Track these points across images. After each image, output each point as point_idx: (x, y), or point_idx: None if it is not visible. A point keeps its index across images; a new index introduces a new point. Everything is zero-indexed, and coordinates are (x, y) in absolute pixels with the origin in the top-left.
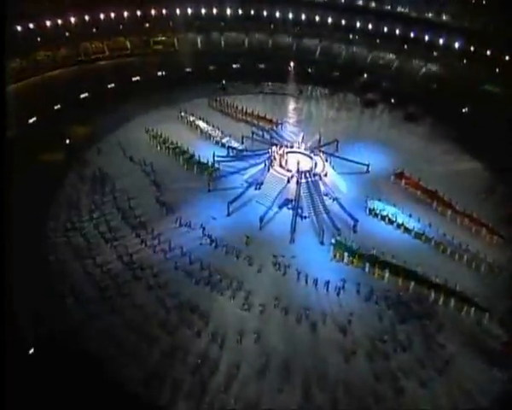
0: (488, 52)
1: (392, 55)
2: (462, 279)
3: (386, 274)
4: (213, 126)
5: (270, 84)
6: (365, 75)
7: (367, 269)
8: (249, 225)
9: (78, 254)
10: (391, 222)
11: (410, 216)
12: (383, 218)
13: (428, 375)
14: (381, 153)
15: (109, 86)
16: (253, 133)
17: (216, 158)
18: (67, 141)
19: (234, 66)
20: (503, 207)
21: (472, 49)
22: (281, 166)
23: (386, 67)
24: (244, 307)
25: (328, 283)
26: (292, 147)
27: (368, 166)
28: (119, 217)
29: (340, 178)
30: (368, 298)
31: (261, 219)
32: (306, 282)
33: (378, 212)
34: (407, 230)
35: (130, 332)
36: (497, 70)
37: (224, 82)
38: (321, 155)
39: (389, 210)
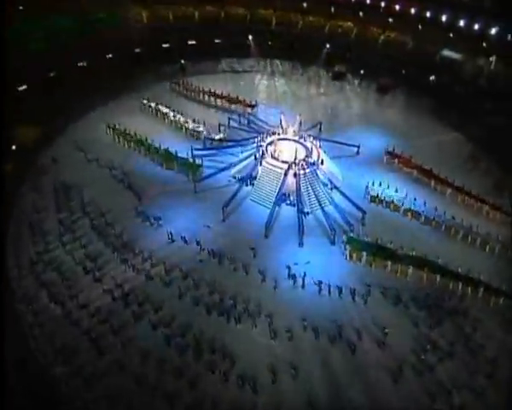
0: (443, 18)
1: (350, 24)
2: (480, 265)
3: (410, 271)
4: (182, 114)
5: (231, 60)
6: (327, 46)
7: (389, 268)
8: (250, 231)
9: (54, 296)
10: (396, 209)
11: (415, 200)
12: (388, 205)
13: (479, 383)
14: (364, 130)
15: (51, 75)
16: (229, 120)
17: (195, 152)
18: (13, 147)
19: (188, 42)
20: (489, 177)
21: (428, 14)
22: (273, 157)
23: (346, 36)
24: (270, 335)
25: (353, 291)
26: (279, 133)
27: (358, 147)
28: (95, 238)
29: (334, 165)
30: (396, 302)
31: (267, 226)
32: (330, 293)
33: (382, 198)
34: (415, 216)
35: (144, 392)
36: (452, 35)
37: (182, 61)
38: (312, 140)
39: (393, 195)
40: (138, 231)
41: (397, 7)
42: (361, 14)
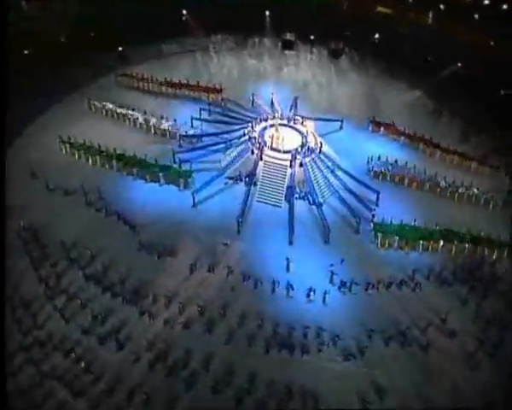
0: None
1: None
2: (493, 225)
3: (440, 246)
4: (145, 112)
5: (171, 41)
6: (267, 13)
7: (419, 248)
8: (270, 240)
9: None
10: (401, 180)
11: (415, 167)
12: (392, 178)
13: None
14: (331, 101)
15: None
16: (200, 111)
17: (179, 156)
18: None
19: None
20: (455, 128)
21: None
22: (272, 148)
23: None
24: (342, 356)
25: (402, 282)
26: (266, 119)
27: (342, 121)
28: (95, 291)
29: (326, 145)
30: (442, 283)
31: (291, 232)
32: (377, 288)
33: (386, 172)
34: (419, 185)
35: None
36: None
37: (120, 49)
38: (302, 122)
39: (396, 167)
40: (146, 270)
41: None
42: None
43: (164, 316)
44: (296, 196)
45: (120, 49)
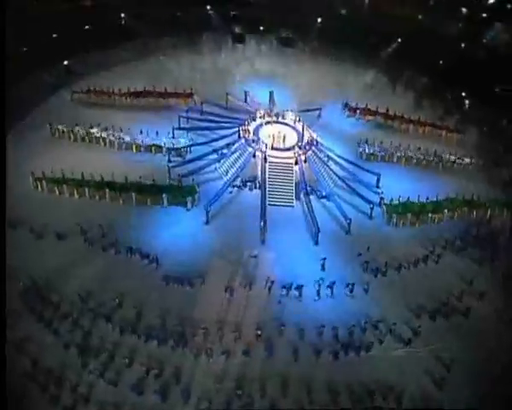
0: None
1: None
2: (477, 187)
3: (445, 215)
4: (120, 129)
5: (119, 49)
6: (208, 7)
7: (429, 221)
8: (299, 243)
9: None
10: (391, 158)
11: (400, 145)
12: (383, 158)
13: None
14: (300, 91)
15: None
16: (179, 119)
17: (171, 170)
18: None
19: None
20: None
21: None
22: (273, 148)
23: None
24: None
25: (425, 258)
26: (255, 119)
27: (320, 110)
28: (135, 342)
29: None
30: (458, 250)
31: (316, 231)
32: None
33: (377, 154)
34: (407, 160)
35: None
36: None
37: (66, 63)
38: (291, 117)
39: (382, 148)
40: (181, 302)
41: None
42: None
43: (221, 349)
44: (304, 191)
45: (66, 63)
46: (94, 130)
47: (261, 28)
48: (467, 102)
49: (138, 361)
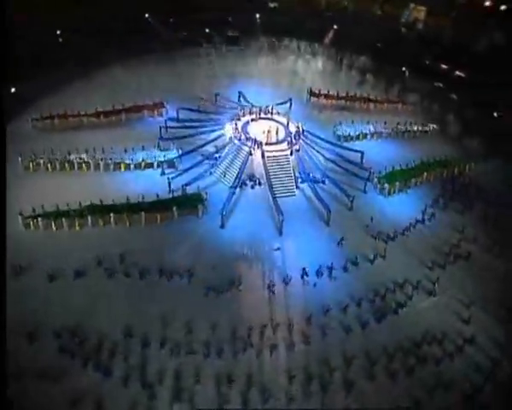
0: None
1: None
2: (441, 149)
3: (425, 178)
4: (103, 150)
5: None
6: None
7: (413, 185)
8: (313, 228)
9: None
10: (365, 137)
11: (368, 123)
12: (358, 137)
13: None
14: (261, 85)
15: None
16: (160, 129)
17: (171, 181)
18: None
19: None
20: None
21: None
22: (268, 143)
23: None
24: None
25: (422, 218)
26: (239, 119)
27: (291, 100)
28: (201, 364)
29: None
30: (446, 207)
31: (328, 214)
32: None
33: (352, 135)
34: (378, 135)
35: None
36: None
37: (13, 90)
38: (271, 111)
39: (356, 128)
40: (228, 309)
41: None
42: None
43: (281, 343)
44: (300, 179)
45: (13, 89)
46: (73, 156)
47: (207, 30)
48: (406, 75)
49: (207, 377)
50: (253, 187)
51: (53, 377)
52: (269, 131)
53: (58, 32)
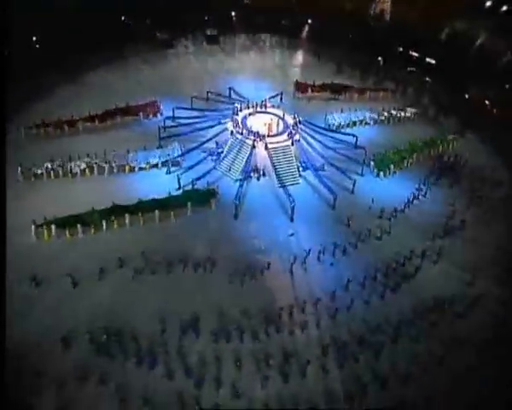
0: None
1: None
2: (424, 130)
3: (414, 158)
4: (104, 153)
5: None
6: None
7: (405, 166)
8: (319, 211)
9: None
10: (354, 124)
11: (356, 110)
12: (348, 125)
13: None
14: (246, 81)
15: None
16: (159, 129)
17: (180, 178)
18: None
19: None
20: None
21: None
22: (270, 135)
23: None
24: None
25: (418, 195)
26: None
27: (281, 94)
28: (232, 344)
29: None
30: (434, 183)
31: (334, 201)
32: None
33: (343, 123)
34: (366, 123)
35: None
36: None
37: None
38: (267, 104)
39: (346, 116)
40: (259, 293)
41: None
42: None
43: (310, 319)
44: (301, 168)
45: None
46: (75, 161)
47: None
48: (381, 63)
49: (246, 360)
50: (258, 178)
51: (95, 378)
52: (270, 124)
53: (35, 38)
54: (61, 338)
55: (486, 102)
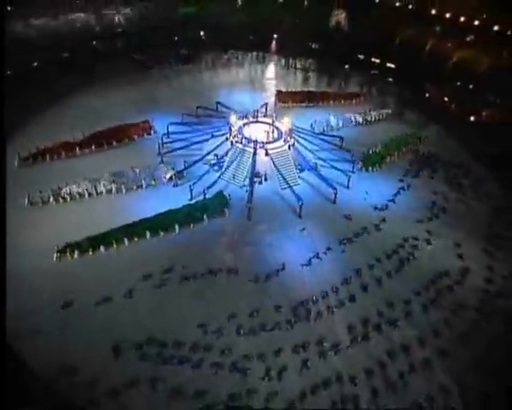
0: None
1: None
2: (400, 128)
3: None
4: (113, 175)
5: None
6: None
7: (389, 162)
8: (324, 206)
9: None
10: (339, 128)
11: (336, 115)
12: (332, 129)
13: None
14: (226, 95)
15: None
16: (159, 146)
17: (192, 189)
18: None
19: None
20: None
21: None
22: (268, 142)
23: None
24: None
25: (403, 187)
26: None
27: (266, 104)
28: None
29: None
30: (415, 174)
31: (335, 195)
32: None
33: (327, 127)
34: (346, 125)
35: None
36: None
37: None
38: (260, 113)
39: (329, 121)
40: (285, 287)
41: None
42: None
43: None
44: (298, 170)
45: None
46: (77, 185)
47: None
48: (347, 70)
49: (285, 347)
50: (260, 183)
51: (147, 382)
52: (268, 132)
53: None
54: (112, 347)
55: (445, 98)
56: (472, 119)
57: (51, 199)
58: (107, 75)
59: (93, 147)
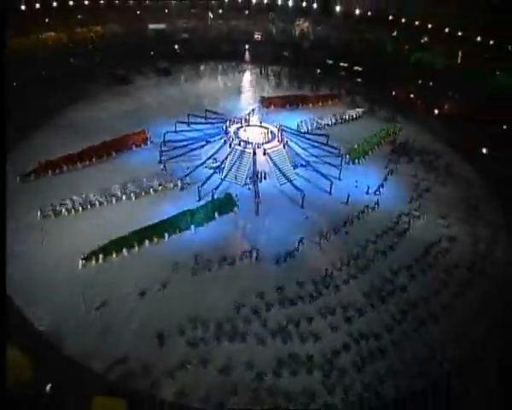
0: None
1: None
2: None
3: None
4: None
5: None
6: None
7: (372, 154)
8: (322, 198)
9: None
10: (325, 127)
11: (319, 116)
12: (318, 127)
13: None
14: (210, 103)
15: None
16: (160, 153)
17: (200, 190)
18: None
19: None
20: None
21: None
22: (264, 142)
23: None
24: None
25: (388, 174)
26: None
27: (254, 109)
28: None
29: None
30: (396, 162)
31: (330, 187)
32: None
33: (312, 127)
34: (331, 125)
35: None
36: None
37: None
38: (251, 116)
39: (314, 121)
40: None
41: None
42: None
43: (345, 278)
44: (292, 167)
45: None
46: (85, 196)
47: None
48: (319, 74)
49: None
50: (261, 181)
51: (196, 363)
52: (265, 133)
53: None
54: (156, 336)
55: (411, 95)
56: (436, 112)
57: (63, 211)
58: (89, 91)
59: (93, 159)
